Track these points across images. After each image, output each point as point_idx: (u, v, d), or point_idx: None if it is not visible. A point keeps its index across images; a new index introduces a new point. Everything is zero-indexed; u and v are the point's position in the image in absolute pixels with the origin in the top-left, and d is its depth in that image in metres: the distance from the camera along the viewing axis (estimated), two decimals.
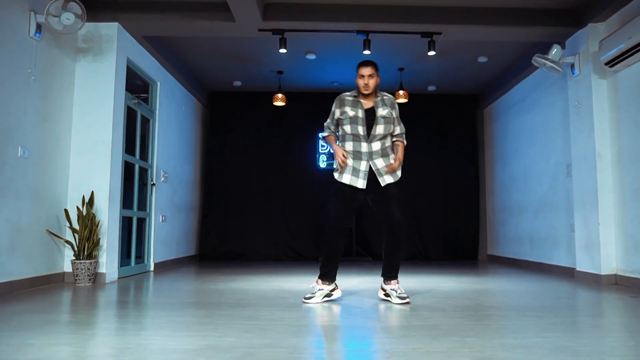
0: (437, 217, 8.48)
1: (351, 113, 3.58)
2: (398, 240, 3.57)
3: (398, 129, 3.71)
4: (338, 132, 3.77)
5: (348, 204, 3.61)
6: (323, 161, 8.60)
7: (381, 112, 3.59)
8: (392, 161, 3.59)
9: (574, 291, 4.38)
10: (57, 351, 2.20)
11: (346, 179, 3.57)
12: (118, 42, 5.20)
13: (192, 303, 3.62)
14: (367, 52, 5.60)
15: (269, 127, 8.59)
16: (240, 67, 7.30)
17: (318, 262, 7.96)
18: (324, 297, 3.64)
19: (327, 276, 3.66)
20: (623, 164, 4.81)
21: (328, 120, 3.82)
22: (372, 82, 3.56)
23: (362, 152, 3.56)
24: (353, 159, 3.58)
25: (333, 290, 3.69)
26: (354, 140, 3.59)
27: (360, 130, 3.56)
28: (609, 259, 4.92)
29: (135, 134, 5.89)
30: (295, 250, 8.42)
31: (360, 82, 3.58)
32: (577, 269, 5.34)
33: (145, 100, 6.22)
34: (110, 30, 5.19)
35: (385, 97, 3.67)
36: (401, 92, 7.41)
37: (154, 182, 6.29)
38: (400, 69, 7.30)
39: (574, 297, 4.05)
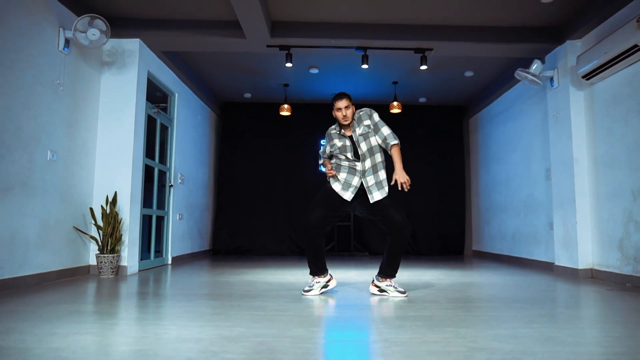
0: (428, 216, 8.39)
1: (339, 144, 3.46)
2: (404, 242, 3.41)
3: (384, 131, 3.47)
4: (332, 161, 3.61)
5: (331, 212, 3.45)
6: (324, 166, 8.49)
7: (358, 131, 3.43)
8: (381, 177, 3.44)
9: (554, 284, 4.28)
10: (79, 340, 2.10)
11: (337, 187, 3.45)
12: (139, 56, 5.12)
13: (205, 294, 3.52)
14: (365, 66, 5.51)
15: (276, 135, 8.51)
16: (249, 79, 7.22)
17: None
18: (321, 288, 3.54)
19: (317, 271, 3.52)
20: (598, 168, 4.72)
21: (322, 150, 3.75)
22: (349, 113, 3.41)
23: (357, 170, 3.42)
24: (347, 173, 3.44)
25: (329, 281, 3.58)
26: (349, 164, 3.44)
27: (350, 156, 3.43)
28: (586, 255, 4.82)
29: (155, 140, 5.80)
30: (299, 247, 8.32)
31: (339, 115, 3.42)
32: (556, 263, 5.24)
33: (164, 109, 6.15)
34: (132, 45, 5.11)
35: (361, 114, 3.50)
36: (395, 103, 7.32)
37: (172, 183, 6.21)
38: (395, 83, 7.21)
39: (554, 289, 3.95)
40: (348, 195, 3.41)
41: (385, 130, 3.47)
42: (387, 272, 3.50)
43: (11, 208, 3.67)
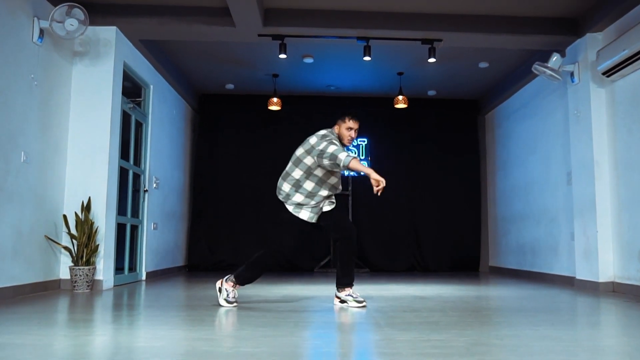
0: (437, 226, 9.04)
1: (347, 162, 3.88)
2: (349, 247, 4.10)
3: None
4: (310, 170, 4.14)
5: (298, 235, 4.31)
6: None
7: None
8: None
9: (570, 297, 4.96)
10: (92, 340, 2.71)
11: (304, 215, 4.20)
12: (116, 46, 5.71)
13: (201, 306, 4.12)
14: (367, 58, 6.18)
15: (263, 132, 9.10)
16: (233, 70, 7.84)
17: (312, 273, 8.48)
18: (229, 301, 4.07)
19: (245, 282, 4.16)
20: (619, 171, 5.42)
21: (339, 147, 3.94)
22: (355, 136, 4.21)
23: (337, 189, 4.24)
24: (327, 194, 4.17)
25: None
26: (333, 184, 4.17)
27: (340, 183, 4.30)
28: (607, 267, 5.52)
29: (130, 139, 6.38)
30: (289, 261, 8.92)
31: (348, 135, 4.12)
32: (577, 277, 5.93)
33: (139, 104, 6.73)
34: (108, 34, 5.69)
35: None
36: (400, 97, 7.99)
37: (147, 188, 6.79)
38: (400, 74, 7.89)
39: (568, 301, 4.63)
40: (315, 218, 4.20)
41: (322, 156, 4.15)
42: (343, 281, 4.15)
43: None
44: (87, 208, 5.36)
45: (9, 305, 3.98)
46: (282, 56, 6.20)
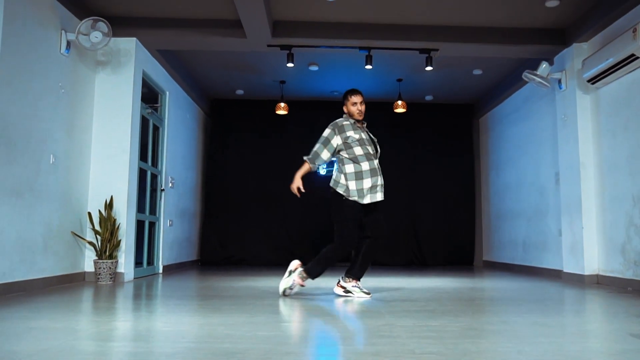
0: (434, 223, 9.20)
1: (356, 136, 4.10)
2: (379, 248, 4.24)
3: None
4: (340, 156, 4.20)
5: (359, 222, 4.14)
6: (323, 168, 9.30)
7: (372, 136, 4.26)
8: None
9: (557, 289, 5.11)
10: (123, 325, 2.87)
11: (367, 199, 4.07)
12: (136, 55, 5.88)
13: (217, 296, 4.29)
14: (368, 66, 6.33)
15: (271, 135, 9.28)
16: (243, 76, 8.00)
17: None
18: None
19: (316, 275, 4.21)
20: (603, 173, 5.57)
21: (324, 151, 4.18)
22: (363, 108, 4.22)
23: (378, 169, 4.15)
24: (371, 176, 4.09)
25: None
26: (368, 159, 4.11)
27: (370, 149, 4.15)
28: (592, 261, 5.67)
29: (148, 142, 6.55)
30: (295, 255, 9.07)
31: (354, 109, 4.17)
32: (564, 270, 6.08)
33: (156, 109, 6.90)
34: (129, 44, 5.86)
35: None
36: (400, 102, 8.14)
37: (163, 187, 6.96)
38: (399, 80, 8.04)
39: (555, 292, 4.78)
40: (380, 196, 4.14)
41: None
42: (357, 274, 4.26)
43: (22, 212, 4.41)
44: (109, 206, 5.52)
45: (40, 295, 4.14)
46: (290, 65, 6.36)
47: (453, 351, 2.23)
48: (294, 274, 4.16)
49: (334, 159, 4.30)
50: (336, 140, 4.17)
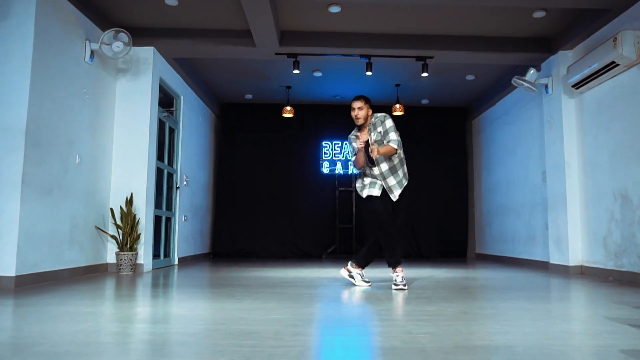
0: (430, 218, 9.29)
1: (357, 149, 4.15)
2: (386, 242, 4.16)
3: (390, 136, 4.09)
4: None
5: (384, 204, 4.12)
6: (326, 167, 9.40)
7: (373, 137, 4.10)
8: (400, 175, 4.20)
9: (544, 278, 5.20)
10: (147, 309, 2.98)
11: (365, 192, 4.17)
12: (153, 63, 5.98)
13: (230, 285, 4.39)
14: (369, 73, 6.42)
15: (277, 136, 9.37)
16: (252, 82, 8.10)
17: (321, 259, 8.72)
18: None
19: (397, 263, 4.08)
20: (587, 171, 5.65)
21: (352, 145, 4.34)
22: (361, 114, 4.09)
23: (376, 174, 4.15)
24: (370, 182, 4.16)
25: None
26: (370, 173, 4.19)
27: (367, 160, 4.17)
28: (576, 253, 5.75)
29: (164, 143, 6.66)
30: (300, 248, 9.20)
31: (352, 114, 4.15)
32: (550, 261, 6.17)
33: (172, 113, 7.00)
34: (147, 53, 5.97)
35: (375, 120, 4.14)
36: (397, 105, 8.23)
37: (179, 185, 7.07)
38: (397, 85, 8.12)
39: (541, 282, 4.87)
40: (376, 192, 4.12)
41: (392, 136, 4.14)
42: (362, 262, 4.35)
43: (51, 207, 4.53)
44: (130, 202, 5.63)
45: (68, 284, 4.26)
46: (296, 72, 6.45)
47: (446, 332, 2.33)
48: (353, 272, 4.40)
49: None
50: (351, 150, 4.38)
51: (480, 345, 2.08)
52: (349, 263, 4.44)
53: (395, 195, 4.19)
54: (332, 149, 9.43)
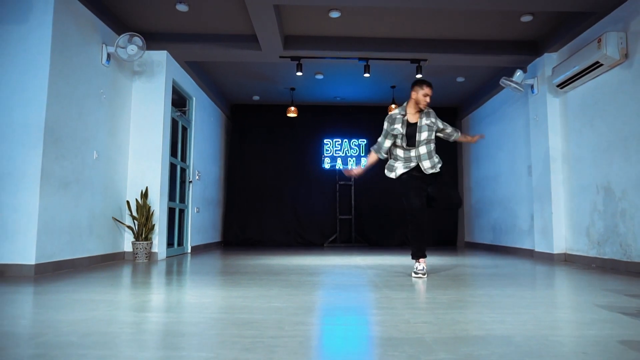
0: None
1: (402, 130, 3.81)
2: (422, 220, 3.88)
3: (449, 129, 4.02)
4: (387, 145, 3.96)
5: (413, 186, 3.81)
6: (327, 163, 9.21)
7: (425, 121, 3.83)
8: (436, 161, 3.90)
9: (530, 265, 5.01)
10: (155, 297, 2.81)
11: (399, 171, 3.86)
12: (166, 66, 5.79)
13: (236, 272, 4.22)
14: (366, 75, 6.21)
15: (282, 134, 9.19)
16: (258, 83, 7.90)
17: (323, 247, 8.55)
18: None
19: (421, 254, 3.87)
20: (571, 165, 5.45)
21: (381, 138, 4.00)
22: (429, 99, 3.83)
23: (412, 157, 3.85)
24: (404, 162, 3.87)
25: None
26: (403, 150, 3.88)
27: (404, 144, 3.84)
28: (560, 241, 5.56)
29: (177, 140, 6.48)
30: (304, 238, 9.03)
31: (424, 99, 3.78)
32: (536, 249, 5.97)
33: (184, 112, 6.82)
34: (160, 57, 5.78)
35: (428, 110, 3.91)
36: (393, 105, 8.00)
37: (191, 180, 6.89)
38: (393, 87, 7.91)
39: (528, 269, 4.68)
40: (406, 171, 3.84)
41: (450, 127, 4.06)
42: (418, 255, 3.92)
43: (70, 200, 4.36)
44: (145, 195, 5.46)
45: (86, 272, 4.10)
46: (299, 74, 6.25)
47: (443, 321, 2.15)
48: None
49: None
50: (388, 129, 3.92)
51: (479, 335, 1.90)
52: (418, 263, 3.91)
53: (428, 171, 3.86)
54: (332, 146, 9.24)
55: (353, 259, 5.82)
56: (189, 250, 6.81)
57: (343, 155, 9.18)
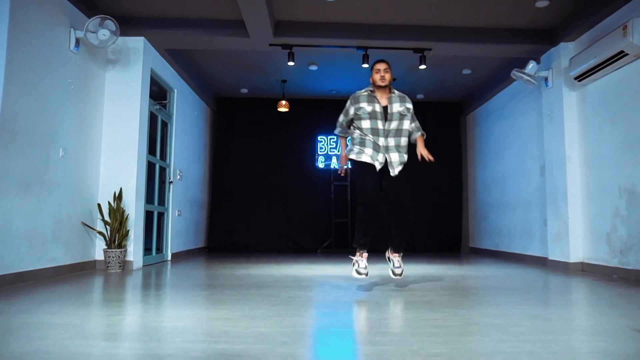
0: (425, 212, 8.85)
1: (369, 108, 3.56)
2: (406, 221, 3.69)
3: (414, 124, 3.81)
4: (349, 129, 3.78)
5: (371, 176, 3.56)
6: (321, 162, 8.95)
7: (397, 107, 3.60)
8: (405, 159, 3.67)
9: (545, 276, 4.78)
10: (121, 320, 2.53)
11: (365, 158, 3.58)
12: (144, 54, 5.50)
13: (220, 285, 3.95)
14: (365, 65, 5.95)
15: (273, 131, 8.91)
16: (247, 75, 7.62)
17: (317, 254, 8.31)
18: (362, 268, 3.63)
19: (362, 245, 3.70)
20: (589, 165, 5.22)
21: (342, 117, 3.78)
22: (387, 76, 3.58)
23: (380, 146, 3.58)
24: (373, 150, 3.59)
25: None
26: (372, 134, 3.59)
27: (380, 124, 3.57)
28: (577, 249, 5.33)
29: (156, 137, 6.19)
30: (296, 242, 8.76)
31: (377, 76, 3.58)
32: (549, 257, 5.75)
33: (164, 106, 6.53)
34: (137, 43, 5.48)
35: (402, 94, 3.69)
36: None
37: (172, 180, 6.60)
38: (393, 79, 7.63)
39: (545, 280, 4.44)
40: (377, 165, 3.57)
41: (416, 123, 3.86)
42: (396, 246, 3.86)
43: (31, 203, 4.06)
44: (118, 198, 5.17)
45: (49, 285, 3.80)
46: (290, 63, 5.98)
47: (460, 352, 1.90)
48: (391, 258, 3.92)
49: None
50: (350, 110, 3.70)
51: None
52: (389, 252, 3.90)
53: (394, 172, 3.61)
54: (327, 144, 8.98)
55: (349, 267, 5.56)
56: (169, 258, 6.52)
57: (338, 153, 8.92)
